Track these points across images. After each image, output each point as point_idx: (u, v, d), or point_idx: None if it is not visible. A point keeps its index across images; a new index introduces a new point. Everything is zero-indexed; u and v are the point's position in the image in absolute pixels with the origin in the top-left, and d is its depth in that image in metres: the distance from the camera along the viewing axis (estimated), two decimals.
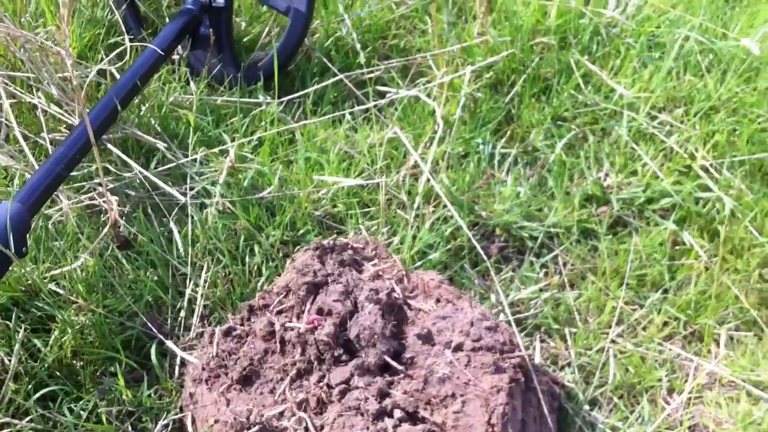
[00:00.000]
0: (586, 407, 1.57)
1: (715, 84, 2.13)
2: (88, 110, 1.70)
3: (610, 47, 2.22)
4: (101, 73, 1.95)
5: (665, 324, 1.74)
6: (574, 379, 1.62)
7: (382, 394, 1.33)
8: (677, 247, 1.86)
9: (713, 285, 1.77)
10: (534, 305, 1.74)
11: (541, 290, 1.77)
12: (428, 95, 2.05)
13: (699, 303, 1.75)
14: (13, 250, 1.43)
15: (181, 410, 1.47)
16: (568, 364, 1.65)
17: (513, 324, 1.54)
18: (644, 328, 1.73)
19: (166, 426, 1.46)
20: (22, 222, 1.47)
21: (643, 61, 2.19)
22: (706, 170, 1.96)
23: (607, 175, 1.98)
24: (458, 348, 1.38)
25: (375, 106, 2.04)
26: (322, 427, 1.31)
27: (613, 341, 1.68)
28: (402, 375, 1.37)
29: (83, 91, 1.45)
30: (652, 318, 1.73)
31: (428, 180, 1.84)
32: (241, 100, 1.98)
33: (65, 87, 1.83)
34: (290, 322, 1.44)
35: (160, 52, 1.82)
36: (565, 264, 1.83)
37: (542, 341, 1.70)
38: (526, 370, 1.41)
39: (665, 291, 1.78)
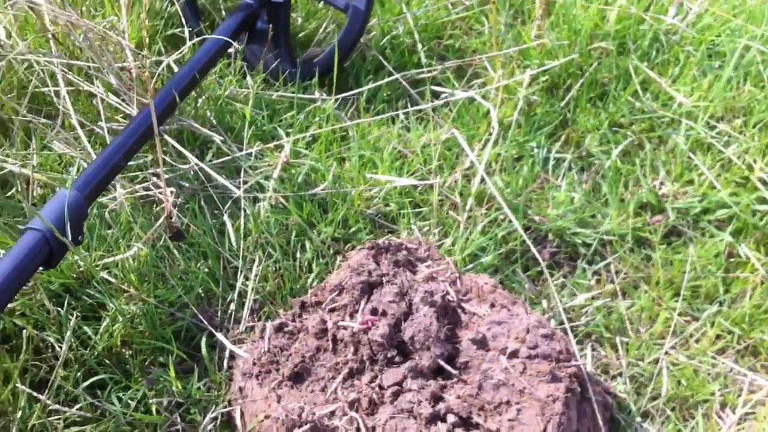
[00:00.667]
0: (638, 419, 1.55)
1: None
2: (146, 100, 1.71)
3: (669, 54, 2.19)
4: (158, 63, 1.96)
5: (719, 337, 1.71)
6: (625, 389, 1.59)
7: (436, 398, 1.32)
8: (732, 260, 1.82)
9: None
10: (585, 313, 1.72)
11: (593, 298, 1.75)
12: (484, 97, 2.04)
13: (754, 317, 1.72)
14: (70, 238, 1.43)
15: (230, 404, 1.47)
16: (620, 374, 1.62)
17: (569, 331, 1.52)
18: (697, 341, 1.70)
19: (214, 419, 1.46)
20: (80, 210, 1.48)
21: (702, 69, 2.15)
22: (764, 182, 1.93)
23: (662, 183, 1.95)
24: (514, 354, 1.36)
25: (431, 106, 2.03)
26: (374, 429, 1.30)
27: (666, 353, 1.66)
28: (456, 379, 1.36)
29: (151, 81, 1.45)
30: (706, 330, 1.70)
31: (481, 181, 1.82)
32: (297, 95, 1.97)
33: (123, 77, 1.84)
34: (343, 320, 1.43)
35: (219, 44, 1.82)
36: (617, 272, 1.80)
37: (593, 350, 1.67)
38: (581, 380, 1.40)
39: (720, 304, 1.75)
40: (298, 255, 1.71)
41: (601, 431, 1.40)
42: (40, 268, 1.42)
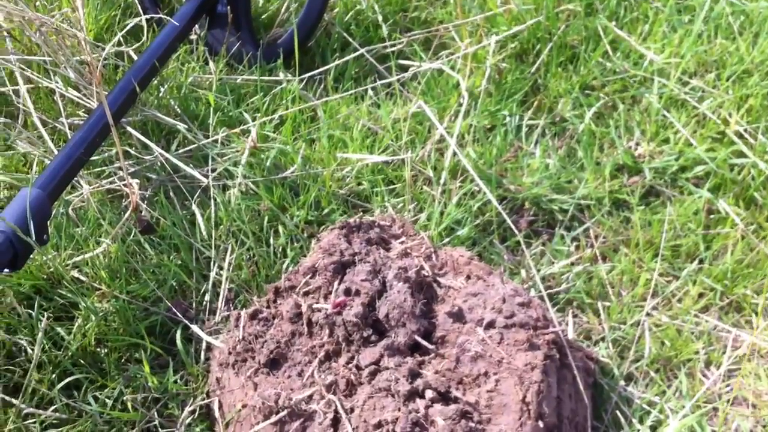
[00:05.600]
0: (622, 382, 1.53)
1: (748, 47, 2.06)
2: (106, 93, 1.67)
3: (638, 12, 2.16)
4: (119, 55, 1.92)
5: (701, 295, 1.69)
6: (608, 354, 1.57)
7: (413, 375, 1.30)
8: (712, 216, 1.80)
9: (750, 254, 1.72)
10: (566, 280, 1.70)
11: (572, 264, 1.73)
12: (452, 67, 2.01)
13: (736, 272, 1.70)
14: (34, 238, 1.40)
15: (208, 396, 1.45)
16: (602, 339, 1.61)
17: (546, 299, 1.50)
18: (680, 300, 1.68)
19: (192, 412, 1.44)
20: (43, 209, 1.45)
21: (672, 25, 2.12)
22: (740, 136, 1.90)
23: (638, 144, 1.93)
24: (490, 325, 1.34)
25: (398, 80, 2.00)
26: (352, 410, 1.28)
27: (648, 314, 1.64)
28: (433, 354, 1.33)
29: (97, 70, 1.41)
30: (688, 289, 1.68)
31: (454, 154, 1.79)
32: (261, 78, 1.94)
33: (83, 70, 1.80)
34: (317, 303, 1.41)
35: (177, 30, 1.78)
36: (596, 237, 1.78)
37: (575, 316, 1.66)
38: (560, 347, 1.37)
39: (701, 261, 1.73)
40: (271, 241, 1.68)
41: (583, 397, 1.38)
42: (6, 270, 1.39)
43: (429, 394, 1.27)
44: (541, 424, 1.25)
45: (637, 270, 1.70)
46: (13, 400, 1.39)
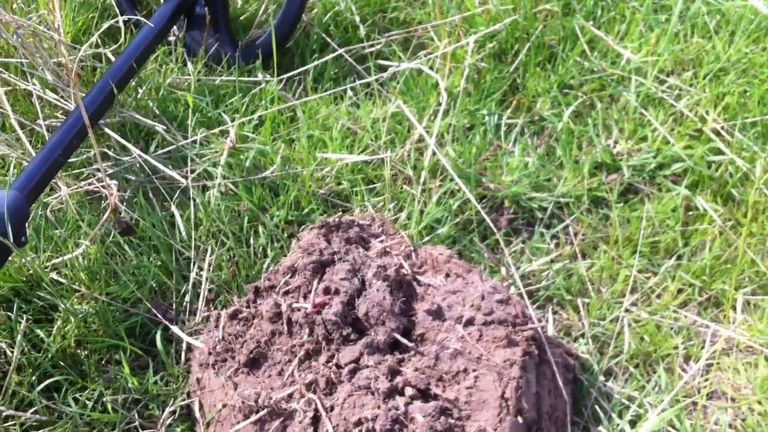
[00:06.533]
0: (602, 378, 1.54)
1: (724, 45, 2.08)
2: (83, 94, 1.67)
3: (615, 11, 2.18)
4: (96, 57, 1.92)
5: (680, 291, 1.70)
6: (588, 350, 1.58)
7: (393, 372, 1.30)
8: (690, 213, 1.82)
9: (728, 249, 1.74)
10: (545, 277, 1.71)
11: (552, 261, 1.73)
12: (431, 67, 2.01)
13: (714, 268, 1.72)
14: (11, 240, 1.40)
15: (189, 396, 1.45)
16: (582, 335, 1.62)
17: (525, 296, 1.51)
18: (659, 296, 1.69)
19: (173, 412, 1.43)
20: (20, 210, 1.44)
21: (649, 24, 2.14)
22: (717, 133, 1.92)
23: (616, 142, 1.94)
24: (469, 322, 1.34)
25: (377, 80, 2.00)
26: (332, 408, 1.28)
27: (627, 310, 1.65)
28: (413, 352, 1.34)
29: (73, 71, 1.41)
30: (667, 285, 1.70)
31: (434, 153, 1.80)
32: (239, 79, 1.94)
33: (60, 72, 1.80)
34: (297, 302, 1.41)
35: (155, 31, 1.78)
36: (576, 234, 1.79)
37: (555, 313, 1.66)
38: (539, 343, 1.38)
39: (679, 257, 1.75)
40: (251, 241, 1.68)
41: (562, 392, 1.39)
42: None
43: (409, 391, 1.27)
44: (520, 419, 1.26)
45: (617, 267, 1.71)
46: None
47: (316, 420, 1.28)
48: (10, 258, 1.49)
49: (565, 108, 1.98)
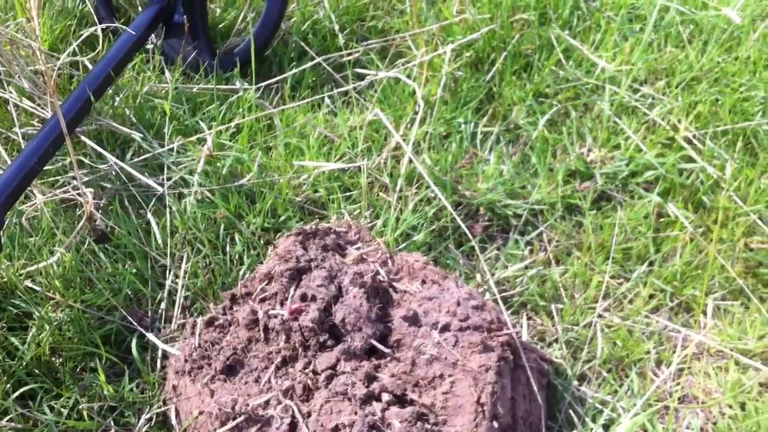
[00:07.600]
0: (575, 383, 1.56)
1: (697, 54, 2.11)
2: (60, 102, 1.67)
3: (590, 21, 2.20)
4: (74, 64, 1.92)
5: (652, 296, 1.72)
6: (562, 355, 1.60)
7: (370, 378, 1.31)
8: (662, 220, 1.84)
9: (699, 255, 1.76)
10: (520, 283, 1.72)
11: (526, 268, 1.75)
12: (408, 76, 2.03)
13: (685, 274, 1.74)
14: None
15: (165, 403, 1.45)
16: (556, 341, 1.63)
17: (500, 302, 1.53)
18: (631, 302, 1.71)
19: (149, 420, 1.43)
20: None
21: (624, 34, 2.17)
22: (689, 141, 1.95)
23: (590, 150, 1.96)
24: (445, 328, 1.36)
25: (354, 88, 2.01)
26: (309, 414, 1.29)
27: (600, 316, 1.67)
28: (389, 358, 1.35)
29: (52, 79, 1.41)
30: (639, 291, 1.72)
31: (410, 161, 1.81)
32: (217, 87, 1.94)
33: (37, 80, 1.80)
34: (274, 309, 1.41)
35: (133, 39, 1.78)
36: (550, 241, 1.81)
37: (529, 318, 1.68)
38: (514, 348, 1.40)
39: (651, 263, 1.77)
40: (228, 248, 1.69)
41: (537, 397, 1.41)
42: None
43: (385, 397, 1.28)
44: (495, 424, 1.27)
45: (589, 273, 1.73)
46: None
47: (293, 426, 1.28)
48: None
49: (540, 116, 2.00)
